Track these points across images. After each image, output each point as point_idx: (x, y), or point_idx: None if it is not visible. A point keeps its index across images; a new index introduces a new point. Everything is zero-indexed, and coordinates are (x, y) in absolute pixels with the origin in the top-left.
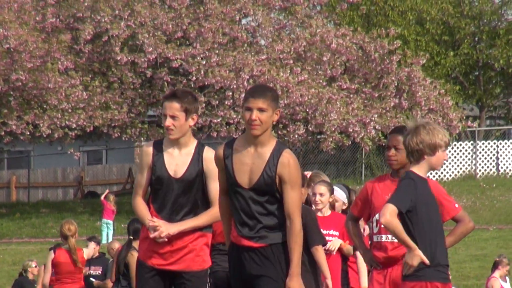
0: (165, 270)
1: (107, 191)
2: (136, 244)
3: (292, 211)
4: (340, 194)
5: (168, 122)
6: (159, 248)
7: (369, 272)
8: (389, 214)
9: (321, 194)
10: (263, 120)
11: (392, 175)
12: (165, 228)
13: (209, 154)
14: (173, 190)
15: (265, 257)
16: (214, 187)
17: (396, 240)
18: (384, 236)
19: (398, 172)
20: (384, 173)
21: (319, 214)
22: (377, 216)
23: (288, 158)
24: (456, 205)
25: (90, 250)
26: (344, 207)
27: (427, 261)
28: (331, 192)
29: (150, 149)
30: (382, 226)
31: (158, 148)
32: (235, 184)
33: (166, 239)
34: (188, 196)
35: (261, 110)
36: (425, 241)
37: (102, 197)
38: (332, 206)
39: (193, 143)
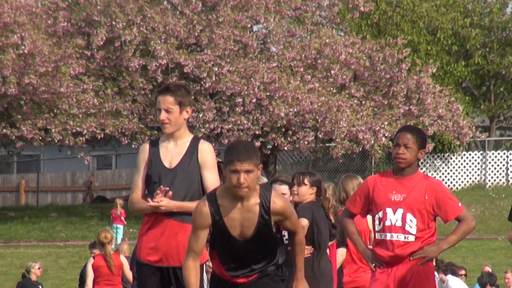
0: (163, 266)
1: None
2: None
3: (295, 227)
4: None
5: (163, 116)
6: (156, 244)
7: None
8: None
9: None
10: (250, 182)
11: (395, 172)
12: (167, 201)
13: (204, 145)
14: (169, 181)
15: (258, 283)
16: (209, 178)
17: (401, 239)
18: (388, 235)
19: (403, 171)
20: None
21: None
22: (380, 213)
23: (277, 204)
24: (460, 204)
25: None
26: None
27: None
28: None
29: (146, 147)
30: (387, 224)
31: (154, 144)
32: (229, 237)
33: (163, 208)
34: (185, 188)
35: (248, 172)
36: None
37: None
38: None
39: (189, 136)
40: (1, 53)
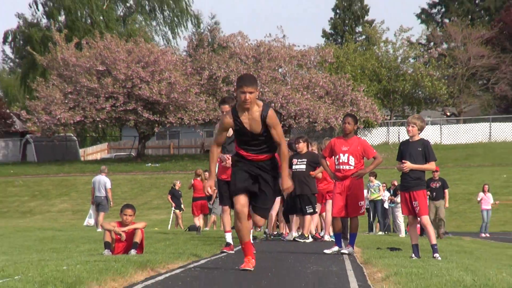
0: (229, 181)
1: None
2: None
3: (279, 139)
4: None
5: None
6: (226, 170)
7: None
8: (434, 165)
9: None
10: (252, 99)
11: (344, 136)
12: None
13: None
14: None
15: (266, 163)
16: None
17: (347, 168)
18: (341, 166)
19: (347, 136)
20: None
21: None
22: (337, 156)
23: (269, 113)
24: (374, 150)
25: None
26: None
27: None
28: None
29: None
30: (341, 161)
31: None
32: (246, 131)
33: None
34: None
35: (250, 92)
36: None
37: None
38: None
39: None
40: (159, 83)
